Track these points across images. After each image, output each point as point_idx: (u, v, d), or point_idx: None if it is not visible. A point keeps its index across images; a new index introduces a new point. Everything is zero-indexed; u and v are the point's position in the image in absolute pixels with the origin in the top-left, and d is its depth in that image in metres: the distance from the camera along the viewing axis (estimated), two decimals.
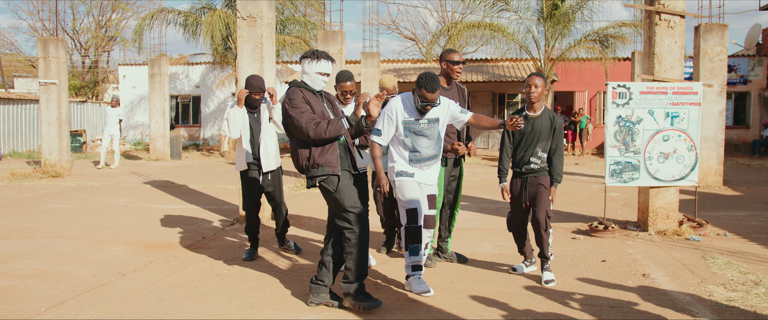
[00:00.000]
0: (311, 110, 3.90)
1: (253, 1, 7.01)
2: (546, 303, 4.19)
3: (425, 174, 4.33)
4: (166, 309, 4.06)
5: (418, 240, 4.22)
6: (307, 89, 4.01)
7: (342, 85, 4.82)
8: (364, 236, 3.93)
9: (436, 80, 4.02)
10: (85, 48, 35.99)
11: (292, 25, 19.87)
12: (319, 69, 4.01)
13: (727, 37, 10.34)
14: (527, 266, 4.94)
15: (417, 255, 4.24)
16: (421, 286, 4.25)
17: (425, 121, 4.25)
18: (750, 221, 7.30)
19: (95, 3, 34.72)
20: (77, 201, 8.92)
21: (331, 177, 3.91)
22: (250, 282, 4.72)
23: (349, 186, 3.95)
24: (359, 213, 3.91)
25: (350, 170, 4.06)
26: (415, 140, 4.25)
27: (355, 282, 3.95)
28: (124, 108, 23.55)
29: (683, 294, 4.37)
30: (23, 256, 5.52)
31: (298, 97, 3.90)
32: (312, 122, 3.83)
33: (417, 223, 4.23)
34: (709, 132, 10.47)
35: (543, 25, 16.90)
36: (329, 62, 4.05)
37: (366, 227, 3.94)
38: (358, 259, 3.91)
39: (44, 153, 12.30)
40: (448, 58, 4.99)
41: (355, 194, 3.96)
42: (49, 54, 12.04)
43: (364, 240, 3.93)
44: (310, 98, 3.96)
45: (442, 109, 4.34)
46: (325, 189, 3.96)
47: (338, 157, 3.95)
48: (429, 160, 4.33)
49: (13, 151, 18.55)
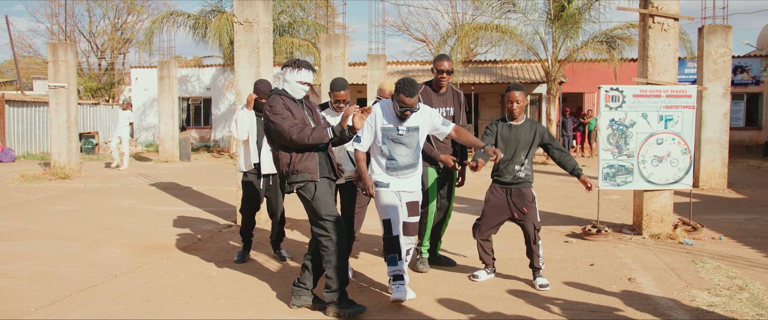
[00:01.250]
0: (292, 116, 3.97)
1: (249, 7, 7.10)
2: (525, 307, 4.22)
3: (403, 183, 4.30)
4: (151, 310, 4.15)
5: (394, 250, 4.23)
6: (287, 97, 4.08)
7: (335, 93, 4.85)
8: (342, 243, 3.97)
9: (414, 85, 4.05)
10: (102, 50, 36.56)
11: (300, 27, 20.01)
12: (299, 78, 4.05)
13: (731, 39, 10.24)
14: (488, 273, 4.94)
15: (395, 264, 4.24)
16: (398, 294, 4.24)
17: (405, 128, 4.23)
18: (748, 225, 7.25)
19: (111, 6, 35.28)
20: (82, 202, 9.09)
21: (308, 184, 3.97)
22: (237, 283, 4.80)
23: (326, 194, 3.98)
24: (335, 221, 3.95)
25: (330, 177, 4.11)
26: (392, 148, 4.23)
27: (337, 291, 3.99)
28: (137, 110, 23.89)
29: (666, 298, 4.37)
30: (22, 257, 5.66)
31: (279, 104, 3.97)
32: (294, 127, 3.89)
33: (392, 234, 4.23)
34: (713, 134, 10.38)
35: (550, 26, 16.85)
36: (310, 72, 4.09)
37: (343, 234, 3.98)
38: (337, 267, 3.96)
39: (53, 155, 12.53)
40: (436, 65, 4.99)
41: (331, 202, 4.00)
42: (58, 57, 12.26)
43: (341, 248, 3.97)
44: (290, 105, 4.02)
45: (423, 118, 4.32)
46: (302, 196, 4.01)
47: (318, 164, 4.00)
48: (406, 168, 4.28)
49: (27, 152, 18.89)
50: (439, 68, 4.93)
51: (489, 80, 19.51)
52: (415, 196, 4.39)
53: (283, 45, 19.44)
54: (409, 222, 4.37)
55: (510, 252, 5.80)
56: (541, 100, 20.96)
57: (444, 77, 4.94)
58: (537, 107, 21.18)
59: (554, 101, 17.46)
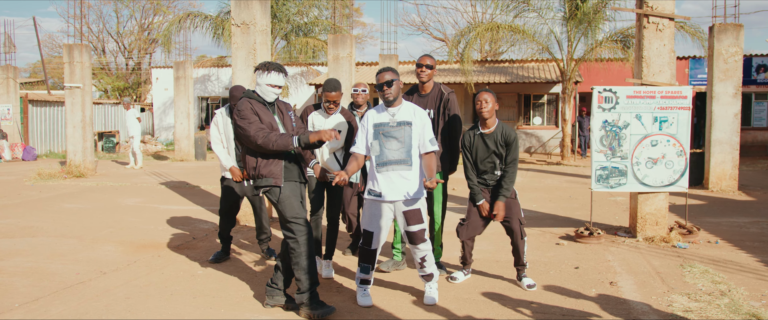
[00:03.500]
0: (259, 121, 4.01)
1: (246, 9, 7.20)
2: (498, 310, 4.21)
3: (397, 187, 4.18)
4: (129, 308, 4.25)
5: (368, 261, 4.27)
6: (257, 100, 4.12)
7: (326, 94, 4.86)
8: (309, 245, 4.01)
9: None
10: (129, 50, 37.33)
11: (316, 27, 20.13)
12: (269, 81, 4.08)
13: (742, 38, 10.01)
14: (465, 274, 4.93)
15: (366, 273, 4.30)
16: (364, 300, 4.29)
17: (395, 122, 4.22)
18: (750, 228, 7.09)
19: (137, 6, 36.00)
20: (91, 201, 9.32)
21: (273, 188, 4.02)
22: (219, 282, 4.89)
23: (290, 197, 4.01)
24: (302, 224, 3.99)
25: (298, 181, 4.14)
26: (383, 142, 4.20)
27: (307, 292, 4.04)
28: (157, 109, 24.34)
29: (642, 303, 4.31)
30: (20, 254, 5.84)
31: (247, 109, 4.01)
32: (261, 131, 3.94)
33: (370, 246, 4.25)
34: (724, 135, 10.17)
35: (565, 25, 16.67)
36: (280, 74, 4.10)
37: (309, 237, 4.02)
38: (306, 269, 4.00)
39: (69, 154, 12.85)
40: (418, 61, 4.98)
41: (297, 205, 4.02)
42: (73, 59, 12.57)
43: (310, 250, 4.01)
44: (258, 109, 4.05)
45: (416, 117, 4.25)
46: (269, 199, 4.08)
47: (283, 169, 4.03)
48: (396, 163, 4.17)
49: (50, 151, 19.39)
50: (418, 62, 4.95)
51: (505, 80, 19.37)
52: (412, 204, 4.23)
53: (298, 45, 19.61)
54: (411, 231, 4.23)
55: (497, 255, 5.78)
56: (557, 99, 20.75)
57: (423, 70, 4.91)
58: (554, 107, 20.96)
59: (569, 101, 17.26)
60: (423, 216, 4.27)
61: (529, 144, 20.94)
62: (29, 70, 44.48)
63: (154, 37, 36.92)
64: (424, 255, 4.30)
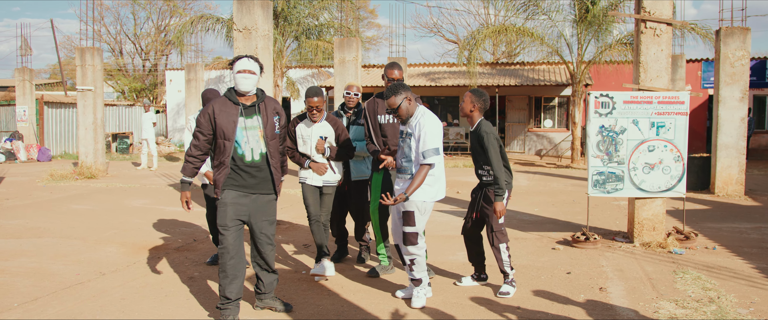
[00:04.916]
0: (202, 133, 4.01)
1: (248, 14, 7.31)
2: (483, 314, 4.25)
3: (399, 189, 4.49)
4: (123, 309, 4.36)
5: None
6: (230, 100, 4.05)
7: (309, 100, 4.90)
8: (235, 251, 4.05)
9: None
10: (146, 52, 37.85)
11: (327, 30, 20.25)
12: (239, 67, 4.00)
13: (749, 41, 9.92)
14: (474, 279, 4.98)
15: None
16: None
17: (407, 132, 4.39)
18: (750, 234, 7.04)
19: (154, 8, 36.49)
20: (99, 202, 9.50)
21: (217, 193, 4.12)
22: (214, 284, 4.98)
23: (226, 205, 4.02)
24: (224, 233, 4.03)
25: (241, 190, 4.09)
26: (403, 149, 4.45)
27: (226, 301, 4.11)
28: (171, 111, 24.63)
29: (629, 310, 4.33)
30: (24, 254, 5.99)
31: (203, 116, 4.03)
32: (192, 147, 4.07)
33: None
34: (730, 139, 10.08)
35: (575, 27, 16.61)
36: (249, 60, 4.02)
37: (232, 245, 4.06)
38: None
39: (81, 155, 13.09)
40: (385, 73, 5.07)
41: (227, 214, 4.02)
42: (85, 62, 12.81)
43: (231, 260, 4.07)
44: (219, 113, 4.00)
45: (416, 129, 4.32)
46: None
47: (226, 177, 4.06)
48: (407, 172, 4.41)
49: (65, 152, 19.73)
50: (388, 76, 5.02)
51: (515, 82, 19.34)
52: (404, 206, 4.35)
53: (308, 47, 19.74)
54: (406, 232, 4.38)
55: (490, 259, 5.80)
56: (568, 102, 20.65)
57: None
58: (565, 109, 20.87)
59: (579, 103, 17.19)
60: (415, 219, 4.34)
61: (540, 146, 20.87)
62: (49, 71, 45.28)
63: (170, 39, 37.38)
64: (413, 259, 4.38)
